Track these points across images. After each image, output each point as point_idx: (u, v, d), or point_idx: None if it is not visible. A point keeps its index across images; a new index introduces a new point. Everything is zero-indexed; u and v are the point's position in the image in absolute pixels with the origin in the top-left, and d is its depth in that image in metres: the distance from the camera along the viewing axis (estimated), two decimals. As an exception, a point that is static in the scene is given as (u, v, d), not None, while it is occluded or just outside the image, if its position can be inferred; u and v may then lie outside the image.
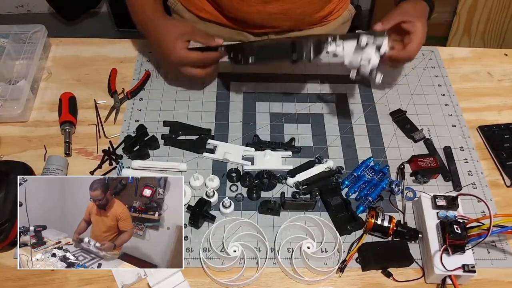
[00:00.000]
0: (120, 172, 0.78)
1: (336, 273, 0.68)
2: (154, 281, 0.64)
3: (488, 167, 0.83)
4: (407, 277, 0.69)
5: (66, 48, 0.99)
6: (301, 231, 0.73)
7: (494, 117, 0.92)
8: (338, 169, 0.80)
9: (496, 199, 0.79)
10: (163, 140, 0.83)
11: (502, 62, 1.03)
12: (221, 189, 0.78)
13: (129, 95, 0.89)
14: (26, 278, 0.67)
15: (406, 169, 0.81)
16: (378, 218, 0.70)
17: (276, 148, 0.83)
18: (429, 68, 1.00)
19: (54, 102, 0.87)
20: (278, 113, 0.89)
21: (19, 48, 0.91)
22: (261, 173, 0.78)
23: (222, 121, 0.87)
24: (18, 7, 2.39)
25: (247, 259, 0.68)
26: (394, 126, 0.89)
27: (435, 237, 0.68)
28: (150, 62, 0.97)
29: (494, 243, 0.73)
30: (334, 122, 0.88)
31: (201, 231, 0.72)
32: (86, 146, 0.82)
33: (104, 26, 2.40)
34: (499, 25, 1.98)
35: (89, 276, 0.67)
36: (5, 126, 0.84)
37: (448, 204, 0.70)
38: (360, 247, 0.70)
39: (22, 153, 0.80)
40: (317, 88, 0.94)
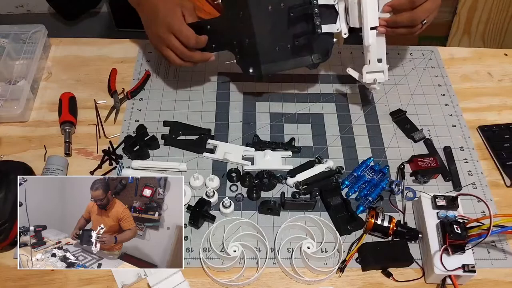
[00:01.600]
0: (120, 172, 0.78)
1: (336, 273, 0.68)
2: (154, 281, 0.64)
3: (488, 167, 0.83)
4: (407, 277, 0.69)
5: (66, 48, 0.99)
6: (301, 231, 0.73)
7: (494, 117, 0.92)
8: (338, 169, 0.80)
9: (496, 199, 0.79)
10: (163, 140, 0.83)
11: (502, 62, 1.03)
12: (221, 189, 0.78)
13: (129, 95, 0.89)
14: (26, 278, 0.67)
15: (406, 169, 0.81)
16: (378, 218, 0.70)
17: (276, 148, 0.83)
18: (429, 68, 1.00)
19: (54, 102, 0.87)
20: (278, 113, 0.89)
21: (19, 48, 0.91)
22: (261, 173, 0.78)
23: (222, 121, 0.87)
24: (18, 7, 2.39)
25: (247, 259, 0.68)
26: (394, 126, 0.89)
27: (435, 237, 0.68)
28: (150, 62, 0.97)
29: (494, 243, 0.73)
30: (334, 122, 0.88)
31: (201, 231, 0.72)
32: (86, 146, 0.82)
33: (104, 26, 2.40)
34: (499, 25, 1.98)
35: (89, 276, 0.67)
36: (5, 126, 0.84)
37: (448, 204, 0.70)
38: (360, 247, 0.70)
39: (22, 153, 0.80)
40: (317, 88, 0.94)
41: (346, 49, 1.02)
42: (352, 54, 1.01)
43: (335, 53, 1.01)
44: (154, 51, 0.99)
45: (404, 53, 1.03)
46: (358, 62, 0.99)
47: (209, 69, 0.96)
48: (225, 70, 0.96)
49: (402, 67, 1.00)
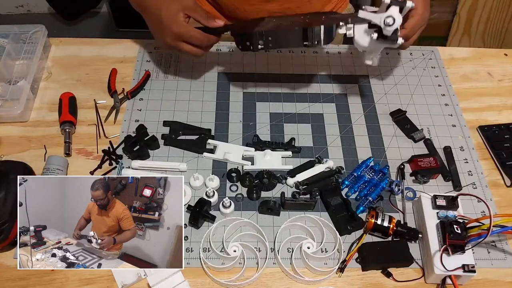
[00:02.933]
0: (120, 172, 0.78)
1: (336, 273, 0.68)
2: (154, 281, 0.64)
3: (488, 167, 0.83)
4: (407, 277, 0.69)
5: (66, 48, 0.99)
6: (301, 231, 0.73)
7: (494, 117, 0.92)
8: (338, 169, 0.80)
9: (496, 199, 0.79)
10: (163, 140, 0.83)
11: (502, 62, 1.03)
12: (221, 189, 0.78)
13: (129, 95, 0.89)
14: (26, 278, 0.67)
15: (406, 169, 0.81)
16: (378, 218, 0.70)
17: (276, 148, 0.83)
18: (429, 68, 1.00)
19: (54, 102, 0.87)
20: (278, 113, 0.89)
21: (19, 48, 0.91)
22: (261, 173, 0.78)
23: (222, 121, 0.87)
24: (18, 7, 2.39)
25: (247, 259, 0.68)
26: (394, 126, 0.89)
27: (435, 237, 0.68)
28: (150, 62, 0.97)
29: (494, 243, 0.73)
30: (334, 122, 0.88)
31: (201, 231, 0.72)
32: (86, 146, 0.82)
33: (104, 26, 2.40)
34: (499, 25, 1.98)
35: (89, 276, 0.67)
36: (5, 126, 0.84)
37: (448, 204, 0.70)
38: (360, 247, 0.70)
39: (22, 153, 0.80)
40: (317, 88, 0.94)
41: (346, 49, 1.02)
42: (352, 54, 1.01)
43: (335, 53, 1.01)
44: (154, 51, 0.99)
45: (404, 53, 1.02)
46: (358, 62, 1.00)
47: (209, 69, 0.96)
48: (225, 70, 0.96)
49: (402, 67, 1.00)
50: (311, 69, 0.97)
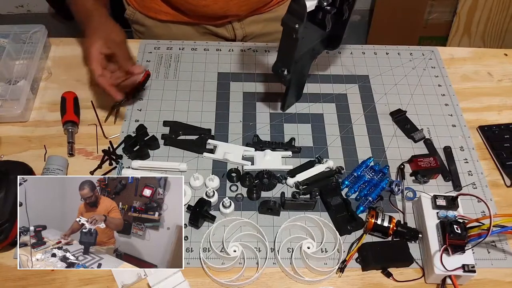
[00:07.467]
0: (120, 172, 0.78)
1: (336, 273, 0.68)
2: (154, 281, 0.64)
3: (488, 167, 0.83)
4: (407, 277, 0.69)
5: (66, 48, 0.99)
6: (301, 231, 0.73)
7: (494, 117, 0.92)
8: (338, 169, 0.80)
9: (496, 199, 0.79)
10: (163, 140, 0.83)
11: (502, 62, 1.03)
12: (221, 189, 0.78)
13: (129, 95, 0.89)
14: (26, 278, 0.67)
15: (406, 169, 0.81)
16: (378, 218, 0.70)
17: (276, 148, 0.83)
18: (429, 68, 1.00)
19: (54, 102, 0.87)
20: (278, 113, 0.89)
21: (19, 48, 0.91)
22: (261, 173, 0.78)
23: (222, 121, 0.87)
24: (18, 7, 2.39)
25: (247, 259, 0.68)
26: (394, 126, 0.89)
27: (435, 237, 0.68)
28: (150, 62, 0.97)
29: (494, 243, 0.73)
30: (334, 122, 0.88)
31: (201, 231, 0.72)
32: (86, 146, 0.82)
33: (104, 26, 2.40)
34: (499, 25, 1.98)
35: (89, 276, 0.67)
36: (5, 126, 0.84)
37: (448, 204, 0.70)
38: (360, 247, 0.70)
39: (22, 153, 0.80)
40: (317, 88, 0.94)
41: (346, 49, 1.02)
42: (352, 54, 1.01)
43: (335, 53, 1.01)
44: (154, 51, 0.99)
45: (404, 53, 1.03)
46: (358, 62, 1.00)
47: (209, 69, 0.96)
48: (225, 70, 0.96)
49: (402, 67, 1.00)
50: (311, 69, 0.97)
